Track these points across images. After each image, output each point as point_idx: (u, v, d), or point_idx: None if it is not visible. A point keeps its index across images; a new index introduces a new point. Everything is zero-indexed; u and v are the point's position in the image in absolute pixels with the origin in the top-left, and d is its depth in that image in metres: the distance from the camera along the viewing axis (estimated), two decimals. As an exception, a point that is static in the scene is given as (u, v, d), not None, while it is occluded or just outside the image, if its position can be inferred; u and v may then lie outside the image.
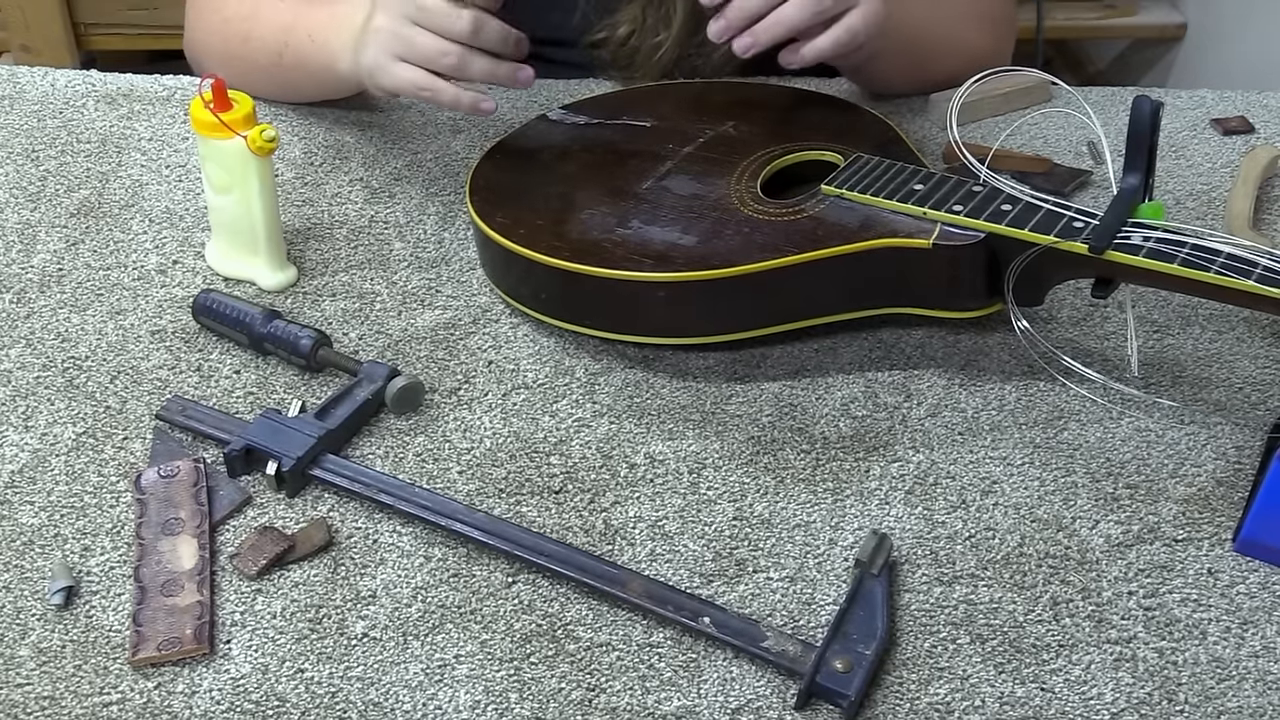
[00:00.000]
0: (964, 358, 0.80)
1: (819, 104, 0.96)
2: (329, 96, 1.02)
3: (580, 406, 0.76)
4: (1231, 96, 1.08)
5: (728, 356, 0.79)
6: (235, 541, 0.67)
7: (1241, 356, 0.80)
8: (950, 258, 0.74)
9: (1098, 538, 0.68)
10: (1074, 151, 1.00)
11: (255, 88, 0.98)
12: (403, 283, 0.85)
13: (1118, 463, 0.72)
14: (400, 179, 0.96)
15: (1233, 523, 0.69)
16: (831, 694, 0.59)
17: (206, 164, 0.82)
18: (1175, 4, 2.12)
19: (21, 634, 0.62)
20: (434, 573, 0.66)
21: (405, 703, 0.59)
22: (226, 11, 1.02)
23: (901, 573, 0.66)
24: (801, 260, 0.74)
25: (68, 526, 0.68)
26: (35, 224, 0.90)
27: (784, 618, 0.64)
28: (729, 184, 0.82)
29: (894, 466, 0.72)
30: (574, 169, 0.86)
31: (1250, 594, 0.65)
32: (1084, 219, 0.72)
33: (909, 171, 0.78)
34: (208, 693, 0.60)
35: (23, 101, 1.04)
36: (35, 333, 0.80)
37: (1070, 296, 0.84)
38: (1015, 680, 0.61)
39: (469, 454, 0.73)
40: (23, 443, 0.73)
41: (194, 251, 0.88)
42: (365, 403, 0.73)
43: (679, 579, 0.66)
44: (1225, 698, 0.60)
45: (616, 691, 0.60)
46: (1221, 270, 0.67)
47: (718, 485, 0.71)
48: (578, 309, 0.78)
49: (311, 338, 0.77)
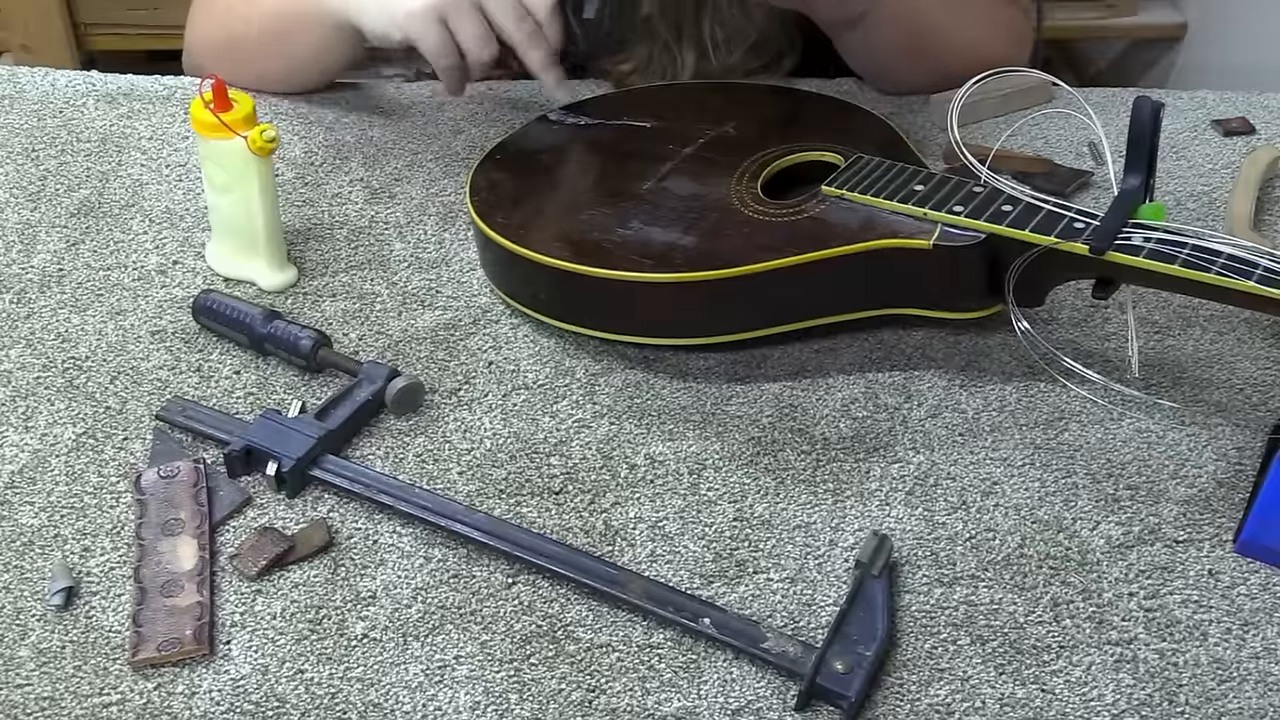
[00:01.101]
0: (964, 359, 0.80)
1: (819, 105, 0.96)
2: (327, 62, 1.00)
3: (580, 407, 0.76)
4: (1232, 97, 1.08)
5: (728, 357, 0.79)
6: (235, 542, 0.67)
7: (1242, 358, 0.80)
8: (951, 258, 0.74)
9: (1098, 539, 0.68)
10: (1075, 152, 1.00)
11: (258, 70, 0.98)
12: (403, 283, 0.85)
13: (1118, 464, 0.72)
14: (400, 179, 0.96)
15: (1233, 524, 0.69)
16: (832, 695, 0.59)
17: (206, 164, 0.82)
18: (1175, 4, 2.12)
19: (21, 634, 0.62)
20: (434, 573, 0.66)
21: (405, 703, 0.59)
22: (217, 8, 1.03)
23: (902, 574, 0.66)
24: (802, 261, 0.74)
25: (68, 527, 0.68)
26: (35, 224, 0.90)
27: (784, 619, 0.64)
28: (729, 185, 0.82)
29: (894, 467, 0.72)
30: (574, 170, 0.86)
31: (1251, 595, 0.65)
32: (1085, 220, 0.72)
33: (909, 172, 0.78)
34: (207, 693, 0.60)
35: (23, 101, 1.04)
36: (35, 333, 0.80)
37: (1071, 297, 0.84)
38: (1016, 681, 0.61)
39: (469, 455, 0.73)
40: (23, 443, 0.73)
41: (194, 252, 0.88)
42: (365, 403, 0.73)
43: (679, 580, 0.66)
44: (1226, 699, 0.60)
45: (616, 692, 0.60)
46: (1222, 271, 0.67)
47: (718, 486, 0.71)
48: (578, 309, 0.78)
49: (312, 338, 0.77)
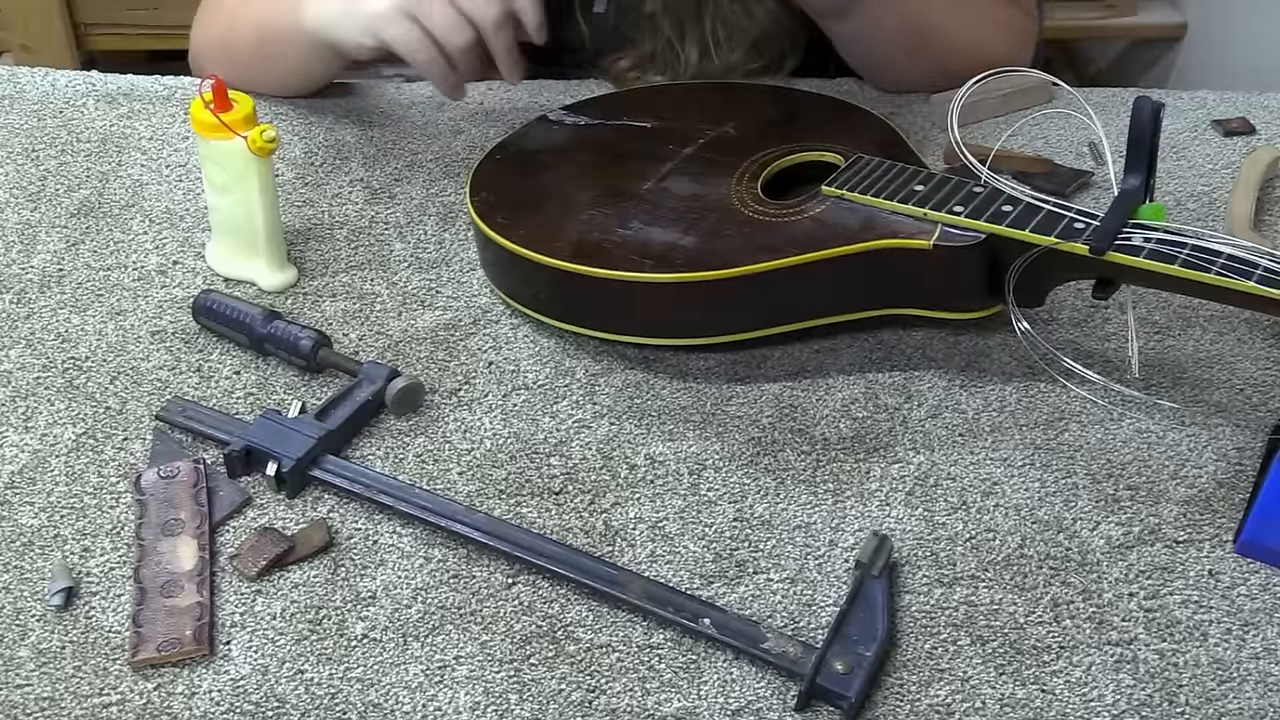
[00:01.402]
0: (964, 359, 0.80)
1: (819, 105, 0.96)
2: (312, 74, 1.00)
3: (580, 408, 0.76)
4: (1232, 97, 1.08)
5: (728, 357, 0.79)
6: (235, 542, 0.67)
7: (1242, 358, 0.80)
8: (951, 259, 0.74)
9: (1098, 539, 0.68)
10: (1075, 152, 1.00)
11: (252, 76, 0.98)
12: (403, 283, 0.85)
13: (1118, 464, 0.72)
14: (400, 179, 0.96)
15: (1233, 524, 0.69)
16: (832, 695, 0.59)
17: (207, 164, 0.82)
18: (1175, 4, 2.12)
19: (21, 635, 0.62)
20: (434, 574, 0.66)
21: (405, 704, 0.59)
22: (222, 9, 1.03)
23: (902, 574, 0.66)
24: (801, 261, 0.74)
25: (68, 527, 0.68)
26: (35, 224, 0.90)
27: (784, 619, 0.64)
28: (729, 185, 0.81)
29: (894, 468, 0.72)
30: (574, 170, 0.86)
31: (1251, 595, 0.65)
32: (1085, 220, 0.72)
33: (909, 172, 0.78)
34: (207, 694, 0.60)
35: (23, 101, 1.04)
36: (35, 333, 0.80)
37: (1071, 298, 0.84)
38: (1016, 682, 0.61)
39: (469, 455, 0.73)
40: (23, 443, 0.73)
41: (194, 252, 0.88)
42: (365, 403, 0.73)
43: (679, 580, 0.66)
44: (1226, 699, 0.60)
45: (616, 693, 0.60)
46: (1222, 271, 0.67)
47: (718, 486, 0.71)
48: (578, 310, 0.78)
49: (312, 338, 0.77)
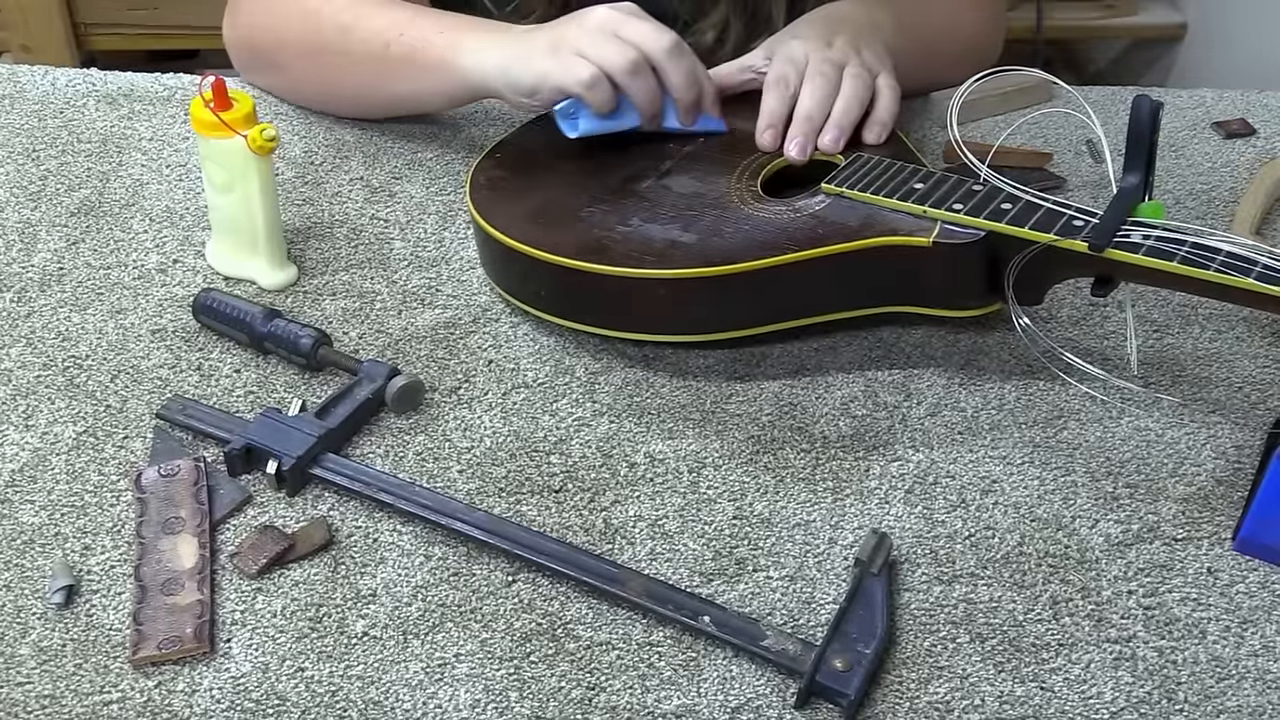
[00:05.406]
0: (964, 357, 0.80)
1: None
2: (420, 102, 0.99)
3: (580, 405, 0.76)
4: (1232, 96, 1.08)
5: (728, 355, 0.79)
6: (235, 540, 0.67)
7: (1241, 355, 0.80)
8: (950, 256, 0.74)
9: (1097, 537, 0.68)
10: (1074, 151, 1.00)
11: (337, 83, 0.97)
12: (403, 282, 0.85)
13: (1117, 462, 0.72)
14: (400, 178, 0.96)
15: (1232, 522, 0.69)
16: (831, 693, 0.59)
17: (207, 163, 0.82)
18: (1175, 4, 2.12)
19: (22, 633, 0.62)
20: (434, 572, 0.66)
21: (405, 701, 0.59)
22: (308, 4, 0.98)
23: (901, 572, 0.66)
24: (801, 258, 0.74)
25: (68, 525, 0.68)
26: (36, 223, 0.90)
27: (784, 617, 0.64)
28: (729, 182, 0.82)
29: (894, 465, 0.72)
30: (574, 167, 0.86)
31: (1250, 593, 0.65)
32: (1084, 218, 0.72)
33: (909, 170, 0.78)
34: (208, 691, 0.60)
35: (23, 101, 1.04)
36: (36, 332, 0.80)
37: (1070, 296, 0.84)
38: (1015, 679, 0.61)
39: (469, 453, 0.73)
40: (23, 442, 0.73)
41: (194, 251, 0.88)
42: (365, 402, 0.73)
43: (679, 578, 0.66)
44: (1225, 697, 0.60)
45: (616, 690, 0.60)
46: (1221, 268, 0.67)
47: (718, 484, 0.71)
48: (578, 307, 0.78)
49: (312, 337, 0.77)
